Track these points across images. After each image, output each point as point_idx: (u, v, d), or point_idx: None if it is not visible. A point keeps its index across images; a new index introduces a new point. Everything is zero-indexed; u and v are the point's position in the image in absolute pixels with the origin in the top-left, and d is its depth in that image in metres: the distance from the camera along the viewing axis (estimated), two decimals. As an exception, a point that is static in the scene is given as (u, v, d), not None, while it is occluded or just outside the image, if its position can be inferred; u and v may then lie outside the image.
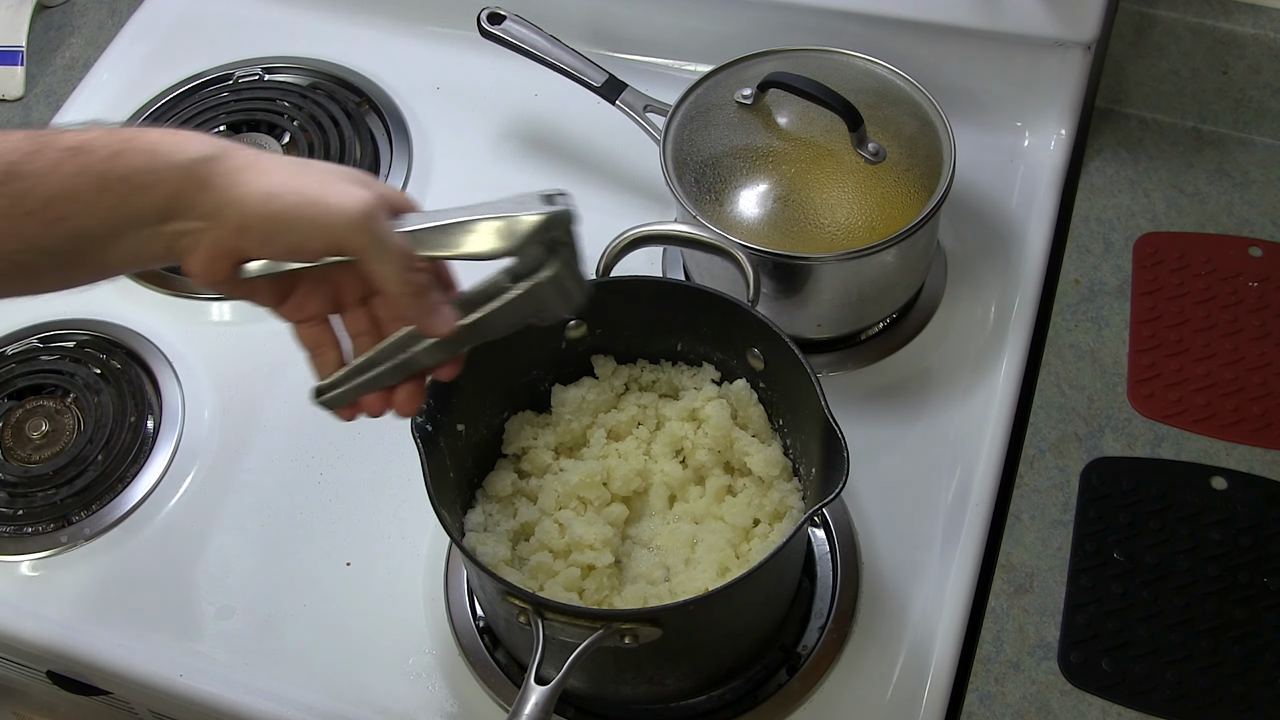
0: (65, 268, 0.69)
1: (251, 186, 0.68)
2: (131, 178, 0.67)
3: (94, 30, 1.41)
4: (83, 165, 0.66)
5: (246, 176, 0.68)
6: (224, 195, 0.68)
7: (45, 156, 0.66)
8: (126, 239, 0.68)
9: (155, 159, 0.67)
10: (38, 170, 0.66)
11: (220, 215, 0.68)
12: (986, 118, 1.20)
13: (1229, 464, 0.99)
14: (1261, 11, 1.16)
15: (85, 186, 0.66)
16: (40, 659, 1.01)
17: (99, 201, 0.66)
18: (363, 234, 0.68)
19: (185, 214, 0.68)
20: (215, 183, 0.68)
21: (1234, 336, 1.06)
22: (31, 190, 0.65)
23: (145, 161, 0.67)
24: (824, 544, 0.97)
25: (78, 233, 0.67)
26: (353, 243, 0.68)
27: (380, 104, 1.29)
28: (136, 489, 1.04)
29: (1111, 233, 1.15)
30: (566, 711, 0.91)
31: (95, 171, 0.66)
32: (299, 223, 0.67)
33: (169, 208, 0.68)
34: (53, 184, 0.65)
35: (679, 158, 1.04)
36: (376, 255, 0.68)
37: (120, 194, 0.67)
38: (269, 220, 0.67)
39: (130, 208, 0.67)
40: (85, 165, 0.66)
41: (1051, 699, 0.90)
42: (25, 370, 1.10)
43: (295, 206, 0.67)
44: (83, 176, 0.66)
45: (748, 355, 0.93)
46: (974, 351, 1.08)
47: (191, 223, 0.68)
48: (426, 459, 0.82)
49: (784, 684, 0.91)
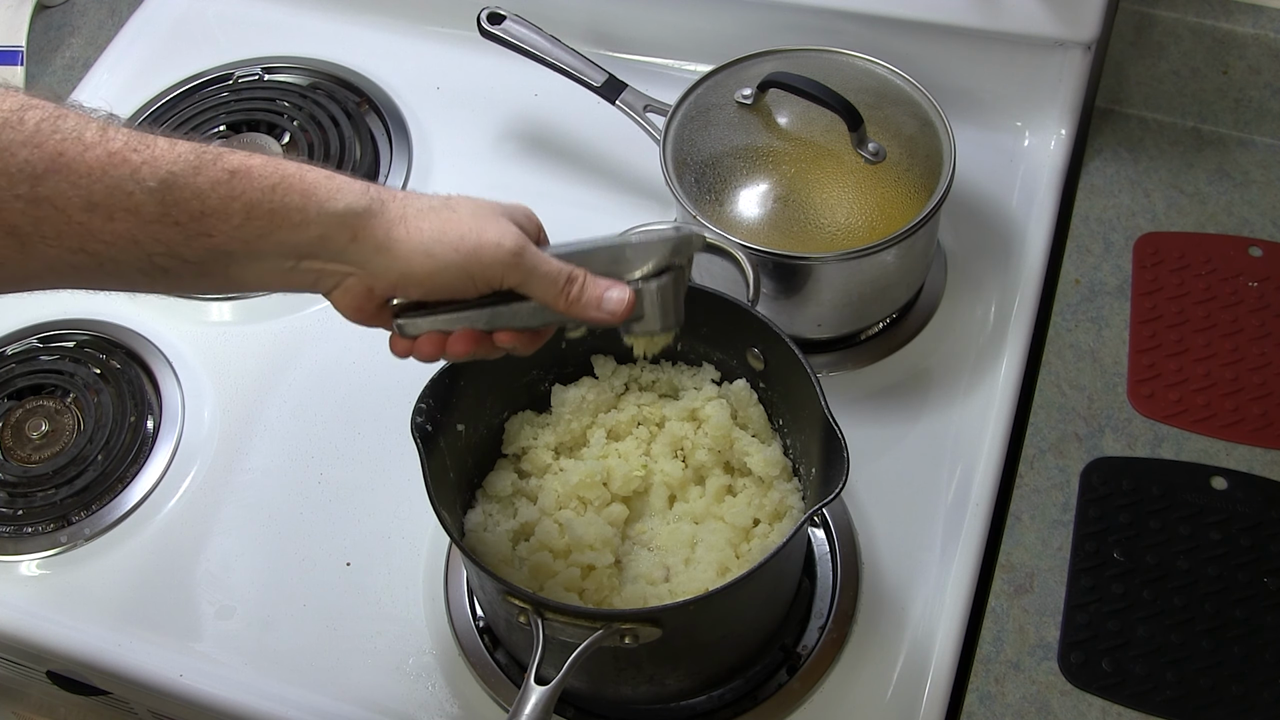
0: (201, 277, 0.71)
1: (408, 245, 0.71)
2: (281, 214, 0.69)
3: (94, 30, 1.41)
4: (238, 190, 0.68)
5: (399, 233, 0.71)
6: (376, 251, 0.71)
7: (205, 174, 0.68)
8: (265, 264, 0.71)
9: (309, 201, 0.70)
10: (196, 186, 0.68)
11: (371, 266, 0.72)
12: (986, 118, 1.20)
13: (1229, 464, 0.99)
14: (1261, 11, 1.16)
15: (236, 211, 0.68)
16: (40, 659, 1.01)
17: (246, 227, 0.69)
18: (517, 272, 0.72)
19: (331, 257, 0.71)
20: (367, 235, 0.71)
21: (1234, 336, 1.06)
22: (185, 203, 0.67)
23: (298, 202, 0.70)
24: (824, 544, 0.97)
25: (219, 249, 0.69)
26: (509, 281, 0.73)
27: (380, 104, 1.29)
28: (136, 489, 1.04)
29: (1111, 233, 1.15)
30: (566, 711, 0.91)
31: (248, 199, 0.69)
32: (455, 273, 0.72)
33: (314, 249, 0.71)
34: (207, 202, 0.68)
35: (679, 158, 1.04)
36: (533, 286, 0.73)
37: (267, 226, 0.69)
38: (427, 276, 0.72)
39: (274, 240, 0.70)
40: (240, 190, 0.68)
41: (1051, 699, 0.90)
42: (25, 370, 1.10)
43: (452, 261, 0.72)
44: (236, 201, 0.68)
45: (748, 355, 0.93)
46: (974, 351, 1.08)
47: (337, 265, 0.72)
48: (426, 459, 0.82)
49: (784, 684, 0.91)
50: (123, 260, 0.68)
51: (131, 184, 0.66)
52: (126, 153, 0.67)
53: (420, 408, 0.83)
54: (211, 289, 0.73)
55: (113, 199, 0.66)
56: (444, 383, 0.86)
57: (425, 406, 0.84)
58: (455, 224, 0.72)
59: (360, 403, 1.08)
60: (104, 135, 0.67)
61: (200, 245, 0.68)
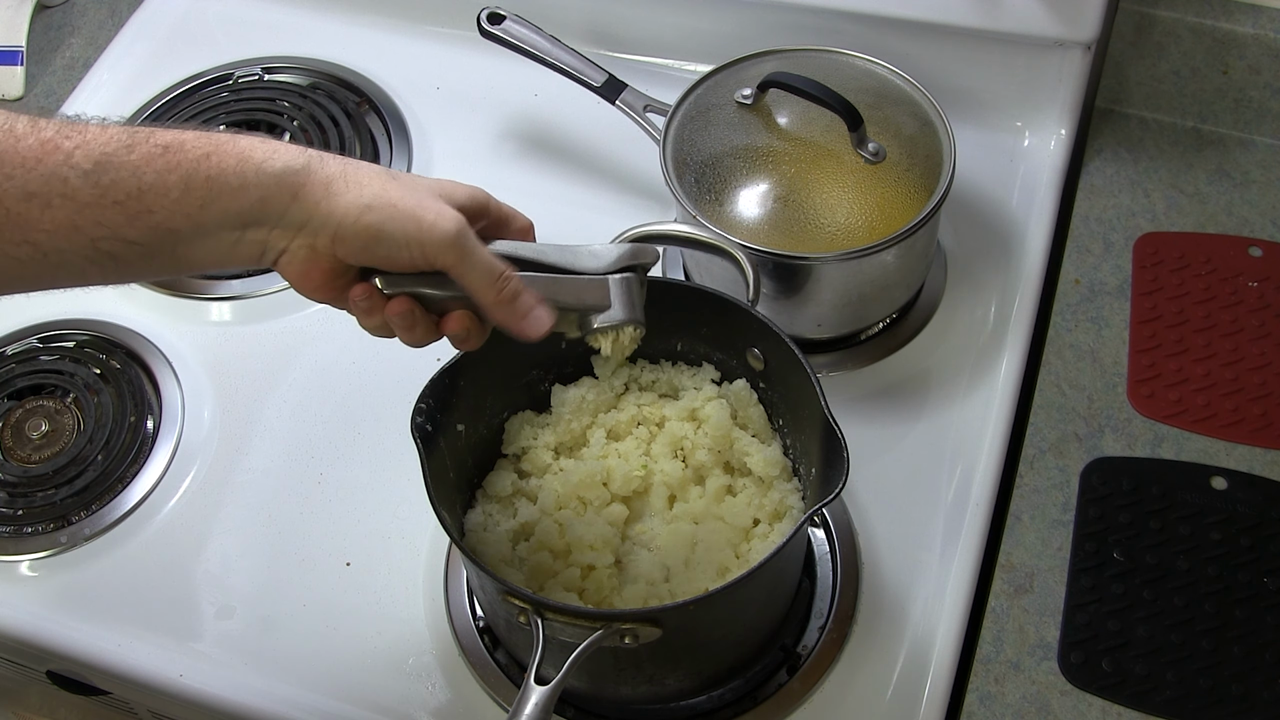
0: (149, 259, 0.70)
1: (346, 199, 0.71)
2: (219, 179, 0.69)
3: (94, 30, 1.41)
4: (173, 163, 0.68)
5: (339, 187, 0.71)
6: (316, 207, 0.70)
7: (138, 151, 0.68)
8: (211, 239, 0.70)
9: (245, 164, 0.70)
10: (130, 163, 0.68)
11: (312, 226, 0.71)
12: (986, 118, 1.20)
13: (1229, 464, 0.99)
14: (1261, 11, 1.16)
15: (174, 184, 0.68)
16: (40, 659, 1.01)
17: (185, 200, 0.68)
18: (454, 251, 0.72)
19: (274, 222, 0.71)
20: (306, 194, 0.70)
21: (1234, 336, 1.06)
22: (122, 182, 0.67)
23: (234, 165, 0.69)
24: (824, 544, 0.97)
25: (162, 226, 0.69)
26: (445, 259, 0.72)
27: (380, 104, 1.29)
28: (136, 489, 1.04)
29: (1111, 233, 1.15)
30: (566, 711, 0.91)
31: (184, 170, 0.68)
32: (394, 236, 0.71)
33: (256, 214, 0.70)
34: (143, 178, 0.68)
35: (679, 158, 1.04)
36: (468, 271, 0.73)
37: (206, 194, 0.69)
38: (363, 232, 0.71)
39: (216, 209, 0.69)
40: (175, 163, 0.68)
41: (1051, 699, 0.90)
42: (25, 370, 1.10)
43: (391, 220, 0.71)
44: (172, 174, 0.68)
45: (748, 355, 0.93)
46: (974, 351, 1.08)
47: (281, 231, 0.71)
48: (426, 459, 0.82)
49: (784, 684, 0.91)
50: (67, 249, 0.68)
51: (66, 169, 0.67)
52: (59, 140, 0.67)
53: (420, 408, 0.83)
54: (164, 272, 0.73)
55: (49, 186, 0.66)
56: (444, 383, 0.86)
57: (425, 406, 0.84)
58: (396, 188, 0.72)
59: (360, 403, 1.08)
60: (34, 126, 0.68)
61: (142, 224, 0.68)
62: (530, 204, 1.20)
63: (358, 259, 0.72)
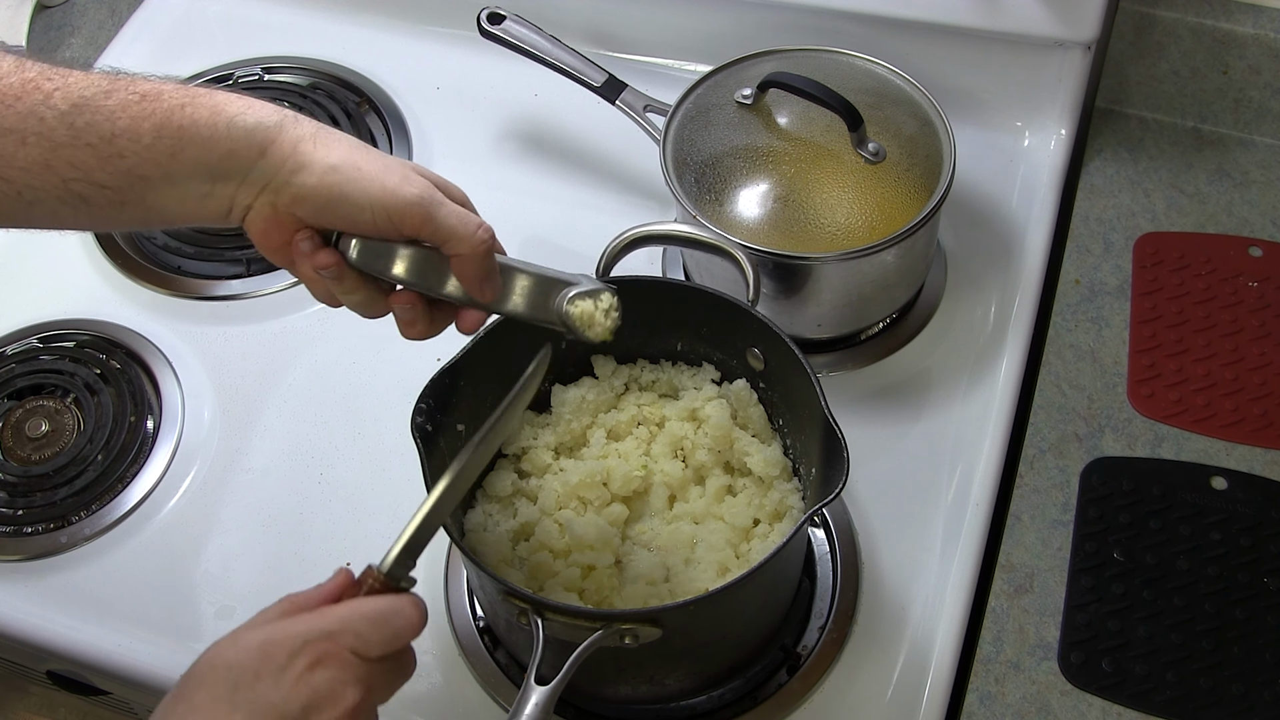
0: (120, 205, 0.71)
1: (313, 158, 0.71)
2: (190, 129, 0.70)
3: (94, 30, 1.41)
4: (148, 110, 0.69)
5: (307, 147, 0.71)
6: (282, 164, 0.71)
7: (116, 96, 0.69)
8: (179, 189, 0.71)
9: (217, 116, 0.70)
10: (107, 107, 0.69)
11: (277, 182, 0.71)
12: (986, 118, 1.20)
13: (1229, 464, 0.99)
14: (1261, 11, 1.16)
15: (146, 130, 0.69)
16: (40, 659, 1.01)
17: (156, 146, 0.69)
18: (419, 209, 0.71)
19: (240, 177, 0.71)
20: (275, 150, 0.71)
21: (1234, 336, 1.06)
22: (97, 125, 0.69)
23: (206, 117, 0.70)
24: (824, 544, 0.97)
25: (133, 172, 0.70)
26: (410, 220, 0.72)
27: (380, 104, 1.29)
28: (136, 489, 1.04)
29: (1111, 233, 1.15)
30: (566, 711, 0.91)
31: (158, 118, 0.69)
32: (355, 198, 0.71)
33: (224, 167, 0.71)
34: (118, 123, 0.69)
35: (679, 158, 1.04)
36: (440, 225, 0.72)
37: (176, 142, 0.70)
38: (327, 192, 0.71)
39: (185, 159, 0.70)
40: (150, 110, 0.69)
41: (1051, 699, 0.90)
42: (25, 370, 1.10)
43: (355, 181, 0.71)
44: (146, 120, 0.69)
45: (748, 355, 0.93)
46: (974, 351, 1.08)
47: (246, 187, 0.71)
48: (426, 459, 0.82)
49: (784, 684, 0.91)
50: (39, 188, 0.69)
51: (44, 109, 0.68)
52: (40, 81, 0.69)
53: (420, 408, 0.83)
54: (135, 221, 0.73)
55: (25, 124, 0.68)
56: (444, 383, 0.86)
57: (425, 406, 0.84)
58: (364, 155, 0.72)
59: (360, 403, 1.08)
60: (19, 66, 0.69)
61: (113, 168, 0.69)
62: (530, 204, 1.21)
63: (317, 219, 0.73)
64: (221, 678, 0.65)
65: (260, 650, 0.65)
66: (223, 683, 0.65)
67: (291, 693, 0.64)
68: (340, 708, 0.65)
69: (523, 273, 0.78)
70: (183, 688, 0.66)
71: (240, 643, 0.66)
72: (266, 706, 0.63)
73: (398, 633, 0.68)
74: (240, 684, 0.64)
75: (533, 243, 1.19)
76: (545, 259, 1.18)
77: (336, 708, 0.65)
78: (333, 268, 0.74)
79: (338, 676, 0.65)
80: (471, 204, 0.78)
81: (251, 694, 0.64)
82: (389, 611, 0.68)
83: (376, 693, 0.68)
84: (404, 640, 0.69)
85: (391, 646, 0.68)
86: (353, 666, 0.66)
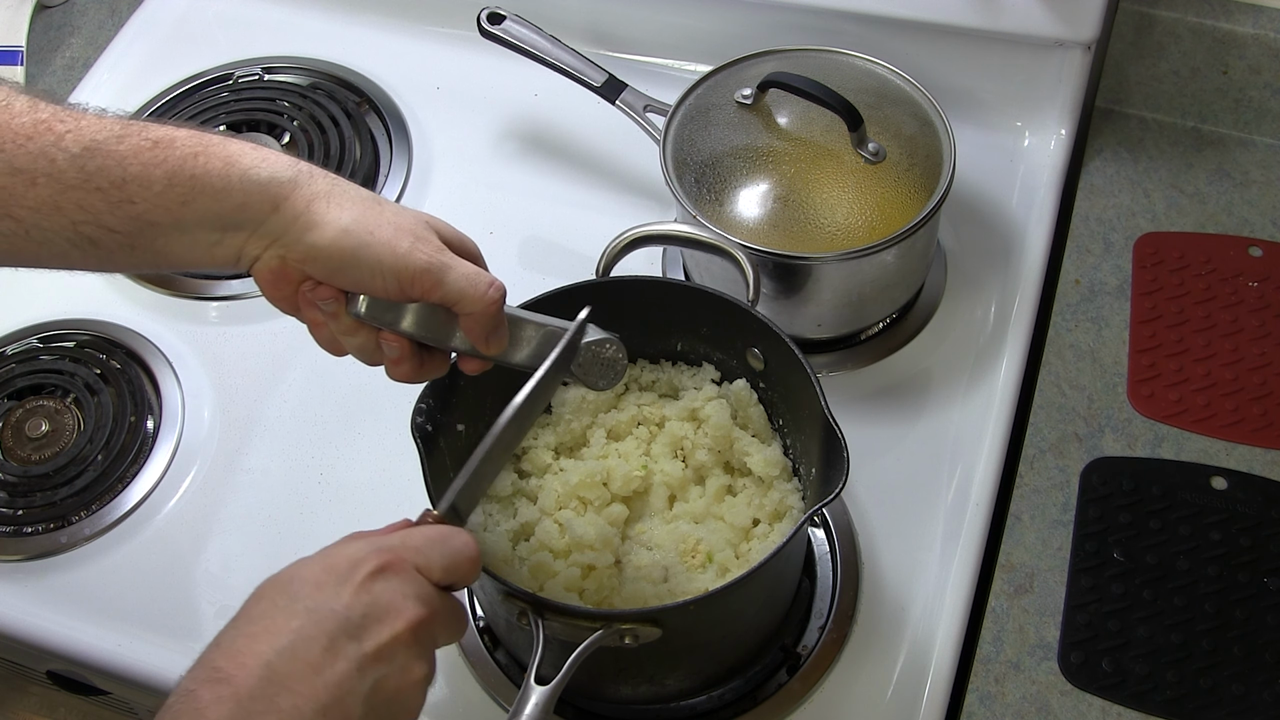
0: (129, 249, 0.71)
1: (326, 217, 0.71)
2: (202, 179, 0.70)
3: (94, 30, 1.41)
4: (160, 157, 0.69)
5: (321, 206, 0.71)
6: (295, 221, 0.71)
7: (128, 142, 0.69)
8: (189, 237, 0.71)
9: (231, 168, 0.70)
10: (119, 152, 0.69)
11: (288, 239, 0.71)
12: (986, 118, 1.20)
13: (1229, 464, 0.99)
14: (1261, 11, 1.16)
15: (158, 178, 0.69)
16: (40, 659, 1.01)
17: (167, 194, 0.69)
18: (428, 276, 0.71)
19: (252, 229, 0.71)
20: (288, 207, 0.71)
21: (1234, 336, 1.06)
22: (108, 169, 0.68)
23: (220, 168, 0.70)
24: (824, 544, 0.97)
25: (143, 218, 0.69)
26: (420, 285, 0.72)
27: (380, 104, 1.29)
28: (136, 489, 1.04)
29: (1111, 233, 1.15)
30: (566, 711, 0.91)
31: (170, 165, 0.69)
32: (369, 263, 0.71)
33: (236, 219, 0.70)
34: (129, 168, 0.69)
35: (679, 158, 1.04)
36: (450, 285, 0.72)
37: (188, 192, 0.69)
38: (339, 255, 0.71)
39: (196, 208, 0.70)
40: (163, 158, 0.69)
41: (1051, 699, 0.90)
42: (25, 370, 1.10)
43: (367, 247, 0.71)
44: (158, 168, 0.69)
45: (748, 355, 0.93)
46: (974, 351, 1.08)
47: (257, 239, 0.71)
48: (426, 459, 0.82)
49: (784, 684, 0.91)
50: (48, 228, 0.69)
51: (55, 150, 0.68)
52: (53, 122, 0.69)
53: (420, 408, 0.83)
54: (144, 264, 0.73)
55: (35, 164, 0.67)
56: (444, 383, 0.85)
57: (425, 406, 0.84)
58: (377, 215, 0.72)
59: (360, 403, 1.08)
60: (33, 105, 0.69)
61: (124, 213, 0.69)
62: (530, 204, 1.21)
63: (328, 279, 0.73)
64: (283, 590, 0.65)
65: (323, 563, 0.66)
66: (284, 594, 0.64)
67: (353, 599, 0.64)
68: (402, 620, 0.64)
69: (529, 323, 0.79)
70: (244, 608, 0.66)
71: (304, 562, 0.67)
72: (327, 614, 0.63)
73: (457, 552, 0.68)
74: (301, 594, 0.64)
75: (533, 243, 1.19)
76: (545, 259, 1.20)
77: (398, 620, 0.64)
78: (331, 300, 0.73)
79: (400, 588, 0.65)
80: (482, 257, 0.78)
81: (312, 602, 0.64)
82: (449, 533, 0.69)
83: (437, 623, 0.67)
84: (463, 566, 0.69)
85: (452, 570, 0.68)
86: (415, 581, 0.66)
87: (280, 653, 0.61)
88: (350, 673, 0.62)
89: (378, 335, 0.75)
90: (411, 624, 0.65)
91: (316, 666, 0.61)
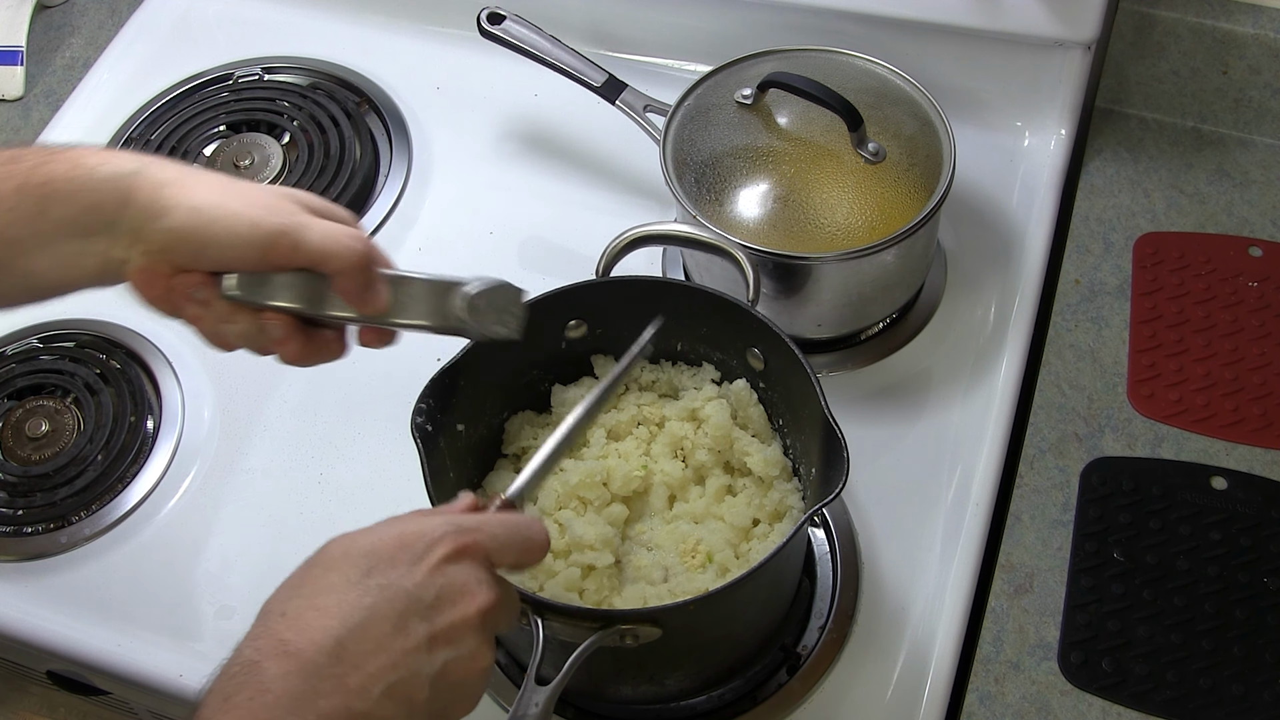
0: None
1: (176, 200, 0.70)
2: (51, 184, 0.69)
3: (94, 30, 1.41)
4: (8, 173, 0.69)
5: (170, 191, 0.70)
6: (147, 209, 0.70)
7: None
8: (51, 249, 0.70)
9: (76, 169, 0.70)
10: None
11: (146, 231, 0.70)
12: (986, 118, 1.20)
13: (1229, 464, 0.99)
14: (1261, 11, 1.16)
15: (9, 193, 0.69)
16: (40, 659, 1.01)
17: (20, 208, 0.69)
18: (286, 238, 0.70)
19: (109, 230, 0.70)
20: (138, 197, 0.70)
21: (1234, 336, 1.06)
22: None
23: (66, 170, 0.70)
24: (824, 544, 0.97)
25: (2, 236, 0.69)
26: (279, 250, 0.70)
27: (380, 104, 1.29)
28: (136, 489, 1.04)
29: (1111, 233, 1.15)
30: (566, 711, 0.91)
31: (18, 179, 0.69)
32: (224, 237, 0.70)
33: (91, 221, 0.70)
34: None
35: (679, 158, 1.04)
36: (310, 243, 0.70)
37: (40, 200, 0.69)
38: (193, 234, 0.70)
39: (52, 216, 0.69)
40: (10, 173, 0.69)
41: (1051, 699, 0.90)
42: (25, 370, 1.10)
43: (219, 221, 0.70)
44: (8, 183, 0.69)
45: (748, 355, 0.93)
46: (974, 351, 1.08)
47: (115, 240, 0.71)
48: (426, 459, 0.82)
49: (784, 684, 0.91)
50: None
51: None
52: None
53: (420, 408, 0.83)
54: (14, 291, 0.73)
55: None
56: (444, 383, 0.86)
57: (425, 406, 0.84)
58: (228, 189, 0.72)
59: (360, 403, 1.08)
60: None
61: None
62: (530, 204, 1.21)
63: (192, 264, 0.71)
64: (356, 563, 0.64)
65: (398, 538, 0.65)
66: (357, 567, 0.64)
67: (427, 580, 0.63)
68: (474, 605, 0.64)
69: (412, 280, 0.75)
70: (309, 572, 0.65)
71: (376, 532, 0.66)
72: (400, 593, 0.63)
73: (529, 540, 0.68)
74: (374, 569, 0.63)
75: (533, 243, 1.19)
76: (545, 259, 1.20)
77: (470, 604, 0.64)
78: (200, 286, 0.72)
79: (474, 573, 0.65)
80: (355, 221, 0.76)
81: (385, 579, 0.63)
82: (523, 522, 0.69)
83: (500, 609, 0.67)
84: (534, 553, 0.68)
85: (522, 557, 0.68)
86: (489, 567, 0.66)
87: (351, 630, 0.61)
88: (419, 654, 0.62)
89: (259, 318, 0.73)
90: (481, 609, 0.64)
91: (386, 646, 0.61)
